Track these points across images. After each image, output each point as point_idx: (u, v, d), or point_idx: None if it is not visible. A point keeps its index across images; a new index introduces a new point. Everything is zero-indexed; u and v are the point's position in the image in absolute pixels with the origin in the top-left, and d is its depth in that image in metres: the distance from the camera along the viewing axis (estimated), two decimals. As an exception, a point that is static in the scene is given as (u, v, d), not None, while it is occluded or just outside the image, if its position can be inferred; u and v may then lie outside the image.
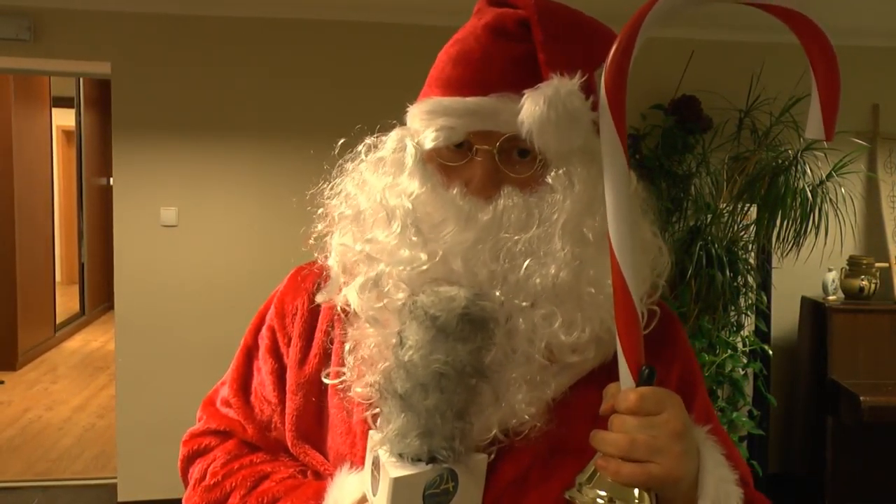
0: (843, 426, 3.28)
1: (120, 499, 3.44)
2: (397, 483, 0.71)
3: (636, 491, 0.70)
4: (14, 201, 5.71)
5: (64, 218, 7.99)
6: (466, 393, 0.73)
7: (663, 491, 0.72)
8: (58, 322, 6.70)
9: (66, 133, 8.11)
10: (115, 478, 3.52)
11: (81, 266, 7.51)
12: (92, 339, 6.93)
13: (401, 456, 0.72)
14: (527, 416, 0.76)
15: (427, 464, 0.72)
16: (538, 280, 0.76)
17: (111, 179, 3.53)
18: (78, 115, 7.18)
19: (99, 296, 7.75)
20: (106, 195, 7.66)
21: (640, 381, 0.72)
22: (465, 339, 0.72)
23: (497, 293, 0.76)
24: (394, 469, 0.72)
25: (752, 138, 3.47)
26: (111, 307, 6.49)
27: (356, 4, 3.36)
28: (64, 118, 7.47)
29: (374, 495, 0.74)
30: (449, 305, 0.71)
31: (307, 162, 3.11)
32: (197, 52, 3.41)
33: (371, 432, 0.78)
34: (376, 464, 0.74)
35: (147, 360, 3.43)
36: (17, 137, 5.74)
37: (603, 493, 0.70)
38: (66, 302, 7.27)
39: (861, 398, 3.09)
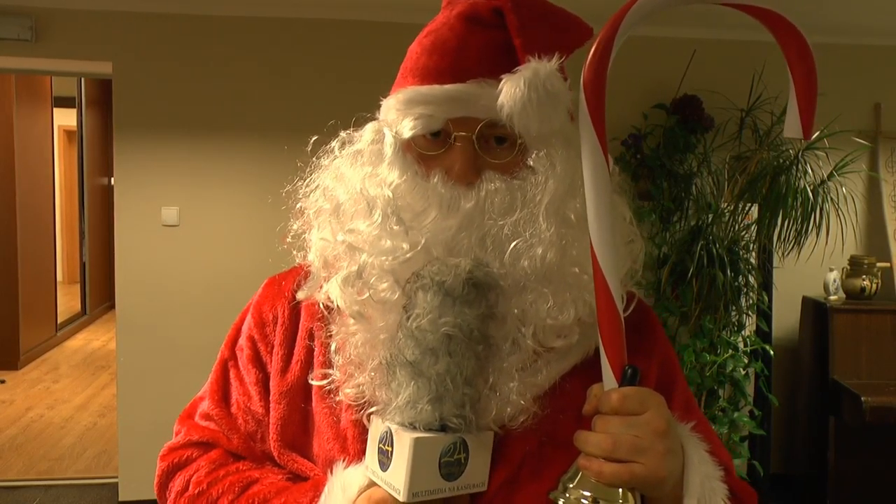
0: (845, 427, 3.27)
1: (121, 498, 3.44)
2: (418, 444, 0.70)
3: (620, 491, 0.69)
4: (16, 201, 5.71)
5: (65, 217, 8.00)
6: (474, 359, 0.73)
7: (648, 490, 0.72)
8: (59, 321, 6.70)
9: (68, 133, 8.12)
10: (116, 477, 3.52)
11: (83, 265, 7.52)
12: (93, 339, 6.93)
13: (412, 426, 0.72)
14: (522, 402, 0.76)
15: (439, 432, 0.72)
16: (526, 262, 0.76)
17: (112, 179, 3.54)
18: (79, 114, 7.19)
19: (100, 295, 7.77)
20: (107, 195, 7.67)
21: (623, 381, 0.72)
22: (470, 303, 0.73)
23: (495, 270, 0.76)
24: (412, 433, 0.71)
25: (754, 138, 3.47)
26: (112, 306, 6.50)
27: (361, 4, 3.36)
28: (65, 118, 7.48)
29: (385, 471, 0.73)
30: (454, 271, 0.73)
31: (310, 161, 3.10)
32: (198, 51, 3.41)
33: (374, 417, 0.77)
34: (384, 439, 0.73)
35: (148, 359, 3.44)
36: (18, 137, 5.75)
37: (587, 494, 0.69)
38: (68, 301, 7.28)
39: (863, 398, 3.09)
